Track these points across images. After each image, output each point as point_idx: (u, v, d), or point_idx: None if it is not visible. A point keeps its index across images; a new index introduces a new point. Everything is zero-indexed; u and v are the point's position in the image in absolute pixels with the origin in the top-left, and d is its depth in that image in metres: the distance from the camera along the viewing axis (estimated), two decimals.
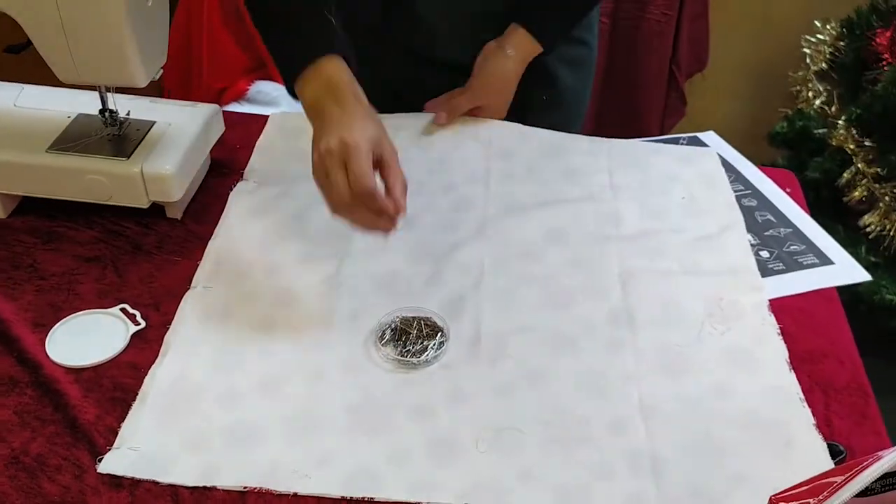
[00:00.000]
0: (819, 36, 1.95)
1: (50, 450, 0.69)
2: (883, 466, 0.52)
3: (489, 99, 1.08)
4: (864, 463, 0.53)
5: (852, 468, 0.53)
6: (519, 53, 1.05)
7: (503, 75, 1.06)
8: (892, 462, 0.53)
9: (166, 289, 0.85)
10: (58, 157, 0.87)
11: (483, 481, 0.69)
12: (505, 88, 1.08)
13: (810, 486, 0.53)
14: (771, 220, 1.01)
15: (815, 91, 1.93)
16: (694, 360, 0.81)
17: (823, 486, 0.53)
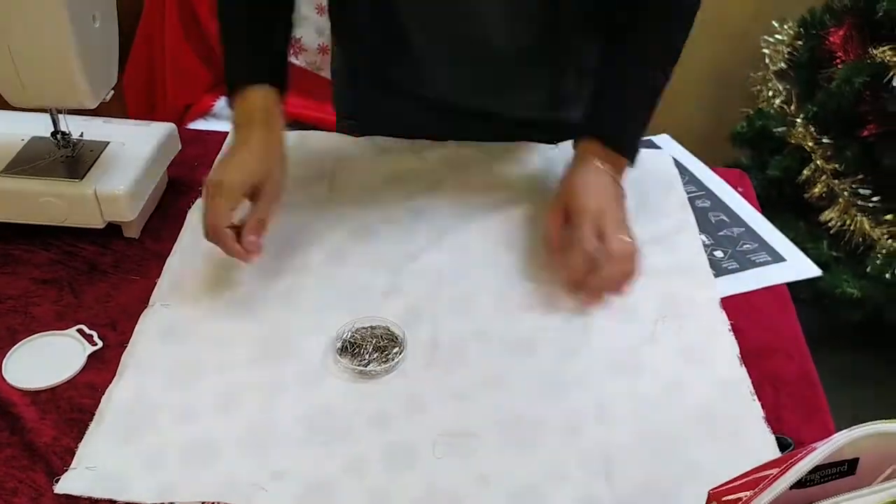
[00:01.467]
0: (777, 36, 1.99)
1: (6, 473, 0.69)
2: (815, 458, 0.54)
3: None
4: (799, 455, 0.54)
5: (787, 461, 0.54)
6: (609, 167, 0.92)
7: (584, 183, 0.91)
8: (825, 454, 0.54)
9: (123, 308, 0.85)
10: (11, 181, 0.87)
11: (440, 487, 0.70)
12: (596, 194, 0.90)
13: (748, 479, 0.54)
14: (724, 220, 1.03)
15: (775, 90, 1.96)
16: (647, 359, 0.82)
17: (760, 479, 0.54)
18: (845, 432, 0.55)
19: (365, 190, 1.02)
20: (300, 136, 1.09)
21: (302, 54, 1.80)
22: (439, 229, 0.96)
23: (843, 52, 1.70)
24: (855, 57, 1.66)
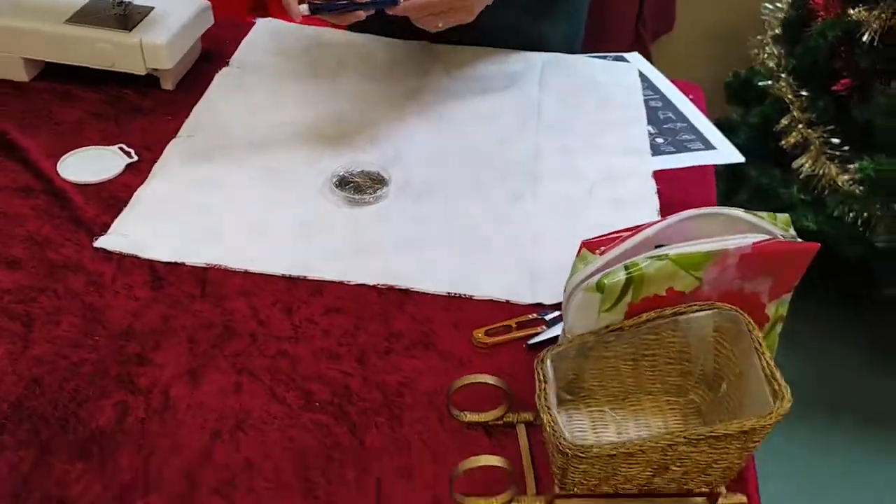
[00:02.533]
0: (778, 4, 2.13)
1: (56, 234, 0.89)
2: (670, 220, 0.71)
3: None
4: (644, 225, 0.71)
5: (638, 231, 0.71)
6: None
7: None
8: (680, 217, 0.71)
9: (157, 137, 1.04)
10: (74, 28, 1.06)
11: (393, 270, 0.88)
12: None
13: (614, 236, 0.72)
14: (671, 117, 1.20)
15: (770, 53, 2.11)
16: (581, 205, 0.99)
17: (615, 238, 0.71)
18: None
19: (368, 71, 1.20)
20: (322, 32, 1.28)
21: None
22: (423, 106, 1.14)
23: (825, 12, 1.84)
24: (833, 16, 1.80)
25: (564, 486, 0.65)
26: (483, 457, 0.64)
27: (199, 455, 0.69)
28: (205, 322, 0.80)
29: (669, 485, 0.65)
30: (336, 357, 0.78)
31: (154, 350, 0.77)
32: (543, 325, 0.83)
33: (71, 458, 0.68)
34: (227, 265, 0.87)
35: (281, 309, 0.83)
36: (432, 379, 0.77)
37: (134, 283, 0.84)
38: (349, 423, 0.72)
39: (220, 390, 0.74)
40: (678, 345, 0.70)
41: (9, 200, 0.92)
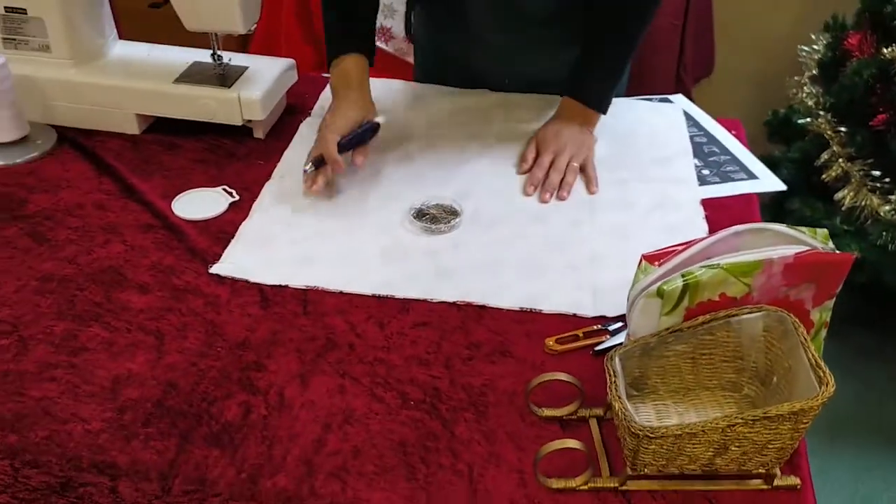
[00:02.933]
0: (815, 46, 2.23)
1: (176, 262, 1.01)
2: (720, 234, 0.80)
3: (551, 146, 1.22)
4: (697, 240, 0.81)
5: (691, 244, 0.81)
6: (574, 119, 1.25)
7: (554, 130, 1.25)
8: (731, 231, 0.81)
9: (253, 178, 1.17)
10: (180, 87, 1.21)
11: (469, 289, 0.99)
12: (558, 137, 1.24)
13: (670, 250, 0.81)
14: (715, 150, 1.30)
15: (809, 93, 2.20)
16: (637, 231, 1.10)
17: (671, 252, 0.81)
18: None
19: (434, 117, 1.33)
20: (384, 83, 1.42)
21: (391, 41, 2.14)
22: (485, 145, 1.26)
23: (860, 52, 1.94)
24: (868, 55, 1.90)
25: (635, 468, 0.73)
26: (563, 440, 0.74)
27: (314, 444, 0.79)
28: (309, 335, 0.92)
29: (729, 465, 0.73)
30: (425, 363, 0.89)
31: (267, 358, 0.88)
32: (607, 334, 0.93)
33: (207, 446, 0.79)
34: (324, 287, 0.99)
35: (374, 323, 0.94)
36: (510, 381, 0.87)
37: (246, 303, 0.96)
38: (441, 418, 0.83)
39: (328, 391, 0.85)
40: (732, 344, 0.79)
41: (134, 235, 1.05)
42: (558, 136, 1.24)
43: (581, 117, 1.26)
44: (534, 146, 1.25)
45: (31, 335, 0.90)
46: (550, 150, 1.22)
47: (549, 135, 1.25)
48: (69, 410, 0.82)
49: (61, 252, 1.02)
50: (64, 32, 1.21)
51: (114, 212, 1.10)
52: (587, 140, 1.25)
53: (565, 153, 1.22)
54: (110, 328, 0.91)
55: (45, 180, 1.15)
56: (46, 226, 1.06)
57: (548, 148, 1.23)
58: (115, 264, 1.00)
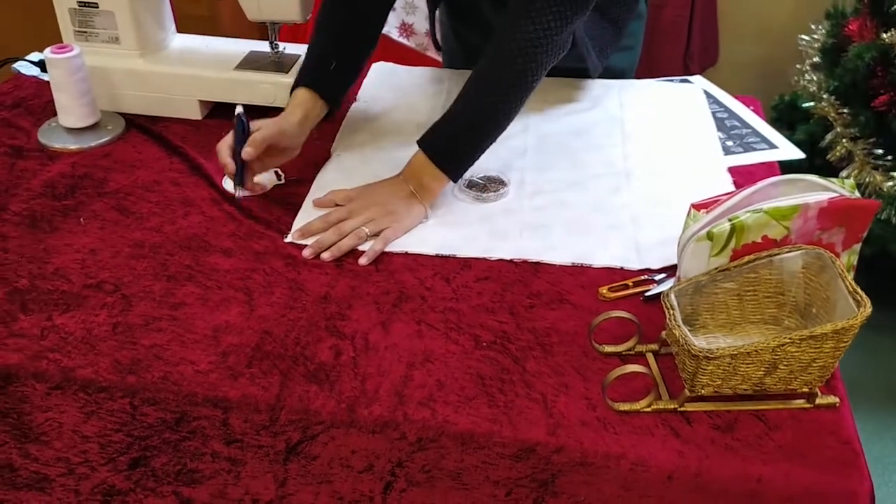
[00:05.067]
0: (814, 35, 2.34)
1: (252, 230, 1.10)
2: (759, 185, 0.90)
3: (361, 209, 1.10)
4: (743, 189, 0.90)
5: (734, 193, 0.90)
6: (411, 178, 1.12)
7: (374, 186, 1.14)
8: (768, 182, 0.90)
9: (312, 157, 1.26)
10: (241, 74, 1.31)
11: (523, 248, 1.08)
12: (368, 195, 1.12)
13: (715, 199, 0.91)
14: (736, 124, 1.39)
15: (810, 79, 2.31)
16: (670, 196, 1.19)
17: (717, 201, 0.90)
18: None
19: None
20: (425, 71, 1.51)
21: (412, 37, 2.23)
22: (525, 125, 1.35)
23: (860, 37, 2.04)
24: (868, 40, 2.00)
25: (693, 389, 0.83)
26: (629, 366, 0.83)
27: (402, 379, 0.88)
28: (383, 290, 1.01)
29: (777, 384, 0.82)
30: (492, 311, 0.98)
31: (349, 309, 0.97)
32: (654, 283, 1.02)
33: (307, 383, 0.88)
34: (390, 249, 1.08)
35: (440, 279, 1.03)
36: (571, 323, 0.96)
37: (322, 263, 1.05)
38: (512, 356, 0.92)
39: (407, 335, 0.94)
40: (774, 281, 0.88)
41: (209, 208, 1.14)
42: (369, 195, 1.13)
43: (419, 178, 1.13)
44: (348, 193, 1.14)
45: (132, 293, 0.99)
46: (348, 207, 1.11)
47: (365, 190, 1.14)
48: (178, 355, 0.91)
49: (147, 223, 1.11)
50: (132, 25, 1.30)
51: (188, 187, 1.19)
52: (404, 212, 1.11)
53: (360, 216, 1.09)
54: (203, 286, 1.00)
55: (120, 161, 1.24)
56: (129, 200, 1.15)
57: (349, 204, 1.12)
58: (198, 232, 1.09)
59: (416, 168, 1.14)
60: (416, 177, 1.14)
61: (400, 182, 1.14)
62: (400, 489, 0.87)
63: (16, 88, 1.44)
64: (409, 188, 1.13)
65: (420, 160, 1.14)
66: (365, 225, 1.09)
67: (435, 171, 1.13)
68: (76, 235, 1.09)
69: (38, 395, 0.89)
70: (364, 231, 1.08)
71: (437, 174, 1.13)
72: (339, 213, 1.11)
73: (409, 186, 1.13)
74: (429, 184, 1.13)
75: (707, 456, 0.81)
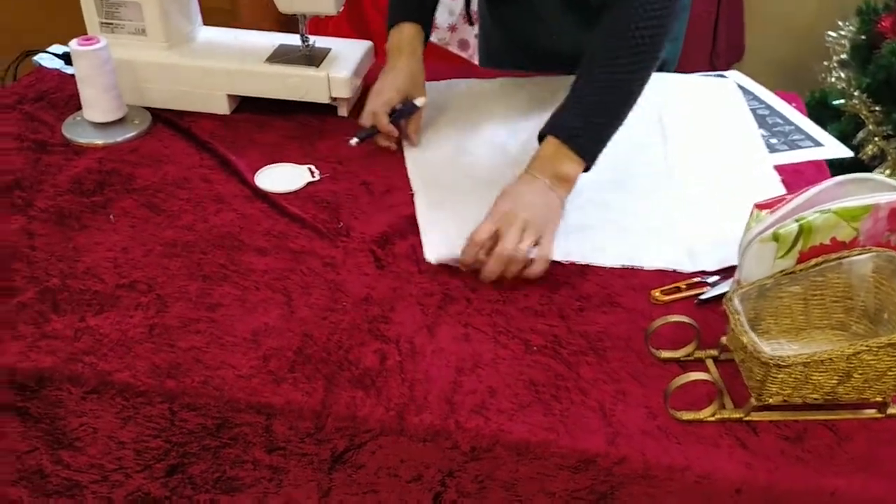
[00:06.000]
0: (841, 32, 2.29)
1: (288, 229, 1.06)
2: (823, 185, 0.86)
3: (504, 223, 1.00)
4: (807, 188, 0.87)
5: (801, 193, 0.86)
6: (544, 171, 1.04)
7: (513, 192, 1.03)
8: (831, 183, 0.86)
9: (346, 154, 1.22)
10: (271, 67, 1.27)
11: (570, 249, 1.04)
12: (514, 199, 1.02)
13: (780, 198, 0.87)
14: (779, 121, 1.35)
15: (838, 77, 2.26)
16: (717, 196, 1.15)
17: (782, 200, 0.86)
18: None
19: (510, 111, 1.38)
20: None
21: (434, 31, 2.19)
22: None
23: (892, 33, 2.00)
24: None
25: (761, 398, 0.79)
26: (693, 374, 0.79)
27: (451, 385, 0.84)
28: (427, 291, 0.97)
29: (850, 393, 0.78)
30: (541, 314, 0.94)
31: (391, 312, 0.94)
32: (707, 286, 0.98)
33: (352, 388, 0.84)
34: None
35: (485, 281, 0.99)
36: (624, 327, 0.92)
37: (360, 263, 1.01)
38: (564, 361, 0.88)
39: (454, 339, 0.90)
40: (842, 285, 0.84)
41: (242, 205, 1.10)
42: (508, 206, 1.01)
43: (554, 169, 1.04)
44: (486, 220, 1.01)
45: (167, 294, 0.95)
46: (495, 220, 0.99)
47: (503, 201, 1.02)
48: (218, 358, 0.87)
49: (179, 221, 1.07)
50: (159, 16, 1.26)
51: (220, 184, 1.15)
52: (550, 214, 1.02)
53: (515, 226, 0.98)
54: (240, 287, 0.96)
55: (148, 157, 1.21)
56: (159, 198, 1.12)
57: (495, 216, 1.00)
58: (232, 231, 1.06)
59: (547, 159, 1.05)
60: (548, 168, 1.04)
61: (531, 179, 1.04)
62: (450, 500, 0.84)
63: (38, 81, 1.40)
64: (544, 183, 1.04)
65: (550, 150, 1.05)
66: (521, 242, 0.98)
67: (571, 156, 1.04)
68: (106, 233, 1.05)
69: (73, 400, 0.86)
70: (523, 250, 0.97)
71: (573, 160, 1.04)
72: (484, 230, 0.99)
73: (545, 180, 1.04)
74: (565, 172, 1.04)
75: (777, 468, 0.77)
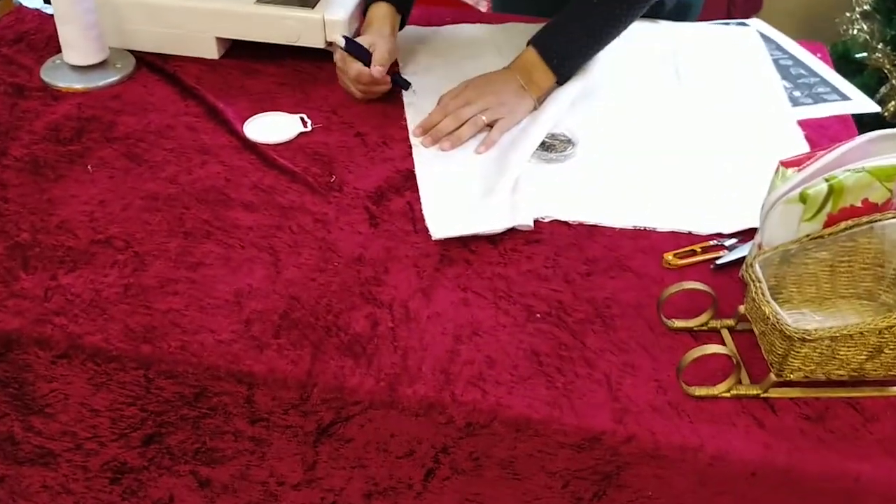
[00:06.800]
0: None
1: (277, 182, 1.00)
2: (855, 141, 0.79)
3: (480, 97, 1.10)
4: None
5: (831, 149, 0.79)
6: (521, 71, 1.12)
7: (485, 78, 1.13)
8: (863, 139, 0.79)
9: (340, 101, 1.15)
10: (264, 7, 1.18)
11: (577, 209, 0.97)
12: (482, 86, 1.11)
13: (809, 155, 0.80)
14: (803, 72, 1.27)
15: (860, 29, 2.16)
16: (738, 154, 1.08)
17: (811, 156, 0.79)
18: None
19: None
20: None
21: None
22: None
23: None
24: None
25: (782, 374, 0.73)
26: (709, 346, 0.73)
27: (447, 354, 0.79)
28: (423, 252, 0.91)
29: (878, 370, 0.72)
30: (545, 278, 0.88)
31: (385, 273, 0.87)
32: (724, 249, 0.91)
33: (341, 356, 0.78)
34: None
35: (486, 240, 0.92)
36: (633, 293, 0.86)
37: (354, 220, 0.94)
38: (569, 329, 0.82)
39: (452, 304, 0.84)
40: (873, 251, 0.78)
41: (230, 156, 1.04)
42: (482, 85, 1.13)
43: (529, 74, 1.13)
44: (459, 86, 1.14)
45: (146, 251, 0.89)
46: (463, 96, 1.11)
47: (477, 80, 1.14)
48: (197, 322, 0.81)
49: (161, 172, 1.01)
50: None
51: (206, 133, 1.08)
52: (515, 102, 1.11)
53: (476, 104, 1.10)
54: (224, 245, 0.90)
55: (130, 104, 1.13)
56: (141, 147, 1.05)
57: (463, 93, 1.12)
58: (217, 184, 0.99)
59: (527, 64, 1.14)
60: (525, 72, 1.13)
61: (510, 74, 1.14)
62: (443, 477, 0.78)
63: (17, 22, 1.32)
64: (519, 81, 1.13)
65: (531, 57, 1.13)
66: (482, 113, 1.09)
67: (546, 70, 1.13)
68: (83, 185, 0.99)
69: (42, 364, 0.80)
70: (481, 119, 1.09)
71: (548, 74, 1.13)
72: (455, 102, 1.11)
73: (520, 80, 1.13)
74: (539, 81, 1.13)
75: (797, 449, 0.71)
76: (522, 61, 1.14)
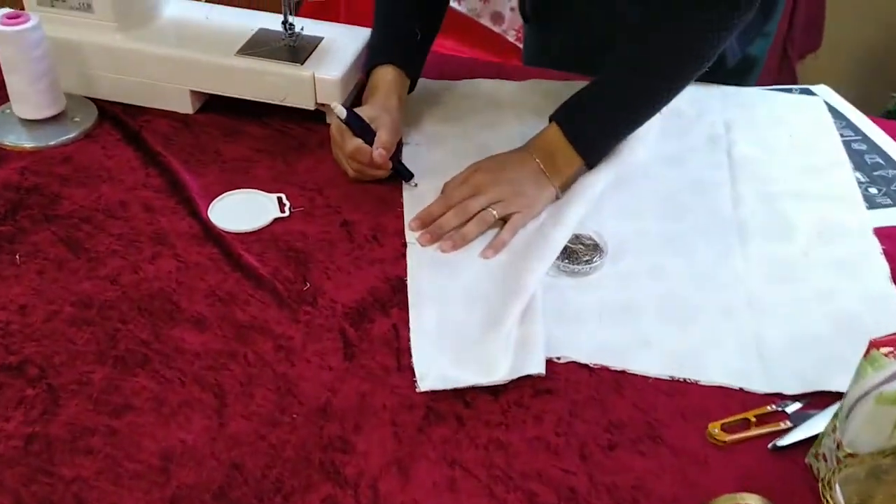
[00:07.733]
0: None
1: (238, 289, 0.82)
2: None
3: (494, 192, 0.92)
4: None
5: None
6: (540, 154, 0.94)
7: (498, 160, 0.96)
8: None
9: (327, 178, 0.97)
10: (244, 61, 1.01)
11: (603, 344, 0.79)
12: (494, 171, 0.94)
13: None
14: (880, 162, 1.07)
15: None
16: (800, 270, 0.89)
17: None
18: None
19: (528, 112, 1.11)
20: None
21: (464, 1, 1.91)
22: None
23: None
24: None
25: None
26: None
27: None
28: (406, 402, 0.73)
29: None
30: (554, 451, 0.69)
31: (355, 433, 0.70)
32: (785, 418, 0.73)
33: None
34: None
35: (486, 389, 0.74)
36: (668, 482, 0.67)
37: (325, 350, 0.77)
38: None
39: (434, 486, 0.66)
40: None
41: (187, 248, 0.86)
42: (494, 170, 0.94)
43: (551, 157, 0.94)
44: (466, 170, 0.96)
45: (62, 384, 0.72)
46: (471, 183, 0.93)
47: (488, 163, 0.96)
48: (108, 499, 0.64)
49: (102, 268, 0.84)
50: None
51: (164, 215, 0.91)
52: (534, 194, 0.93)
53: (486, 195, 0.92)
54: (160, 379, 0.73)
55: (82, 170, 0.96)
56: (84, 230, 0.88)
57: (471, 178, 0.94)
58: (166, 287, 0.82)
59: (548, 144, 0.96)
60: (547, 154, 0.95)
61: (527, 156, 0.96)
62: None
63: None
64: (537, 164, 0.95)
65: (554, 136, 0.95)
66: (492, 206, 0.91)
67: (571, 152, 0.94)
68: (5, 282, 0.81)
69: None
70: (492, 214, 0.91)
71: (574, 157, 0.95)
72: (461, 191, 0.93)
73: (539, 164, 0.95)
74: (562, 166, 0.95)
75: None
76: (543, 140, 0.96)
